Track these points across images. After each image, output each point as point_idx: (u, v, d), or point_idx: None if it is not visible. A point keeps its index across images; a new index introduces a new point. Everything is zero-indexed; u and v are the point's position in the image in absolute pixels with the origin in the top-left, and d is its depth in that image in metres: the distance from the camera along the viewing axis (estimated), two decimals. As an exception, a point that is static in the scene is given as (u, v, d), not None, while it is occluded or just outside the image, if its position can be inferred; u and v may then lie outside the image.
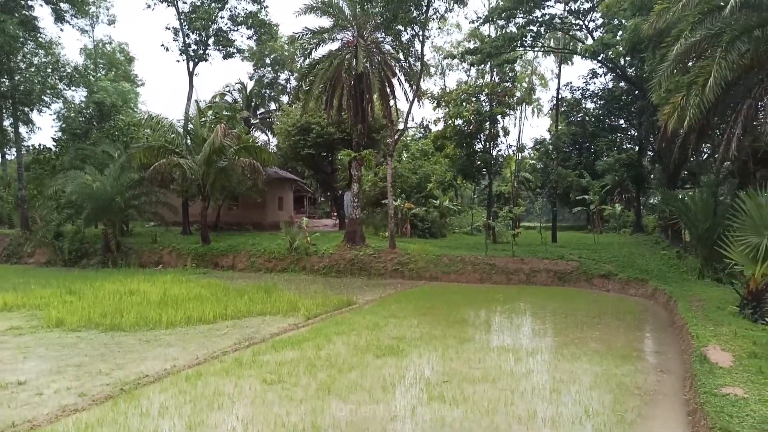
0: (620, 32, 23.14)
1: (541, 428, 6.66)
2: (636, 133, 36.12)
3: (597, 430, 6.57)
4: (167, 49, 35.85)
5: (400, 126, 28.84)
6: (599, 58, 27.76)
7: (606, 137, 40.41)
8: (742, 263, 11.52)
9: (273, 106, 51.79)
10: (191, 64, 32.29)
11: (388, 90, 24.74)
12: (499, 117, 29.86)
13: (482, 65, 31.59)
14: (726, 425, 5.60)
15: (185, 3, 31.40)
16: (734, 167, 18.49)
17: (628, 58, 26.18)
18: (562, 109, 39.81)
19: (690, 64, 14.96)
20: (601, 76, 37.39)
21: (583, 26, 29.38)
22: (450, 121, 30.22)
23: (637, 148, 36.54)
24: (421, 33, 24.94)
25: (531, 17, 27.36)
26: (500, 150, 32.55)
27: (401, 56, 25.00)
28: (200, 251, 25.43)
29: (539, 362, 9.68)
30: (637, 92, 29.43)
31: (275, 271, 23.46)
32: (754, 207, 11.18)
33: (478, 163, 30.37)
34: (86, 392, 7.88)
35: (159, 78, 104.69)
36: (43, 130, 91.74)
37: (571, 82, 46.68)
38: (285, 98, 51.22)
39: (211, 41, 32.18)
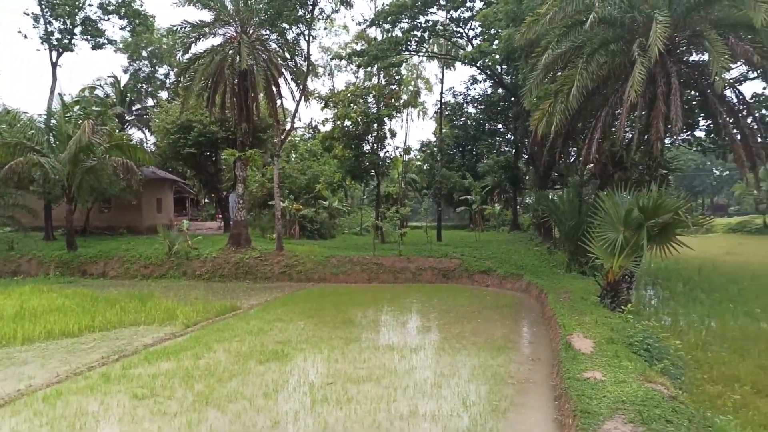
0: (496, 41, 24.46)
1: (422, 423, 6.80)
2: (512, 137, 38.42)
3: (473, 421, 6.83)
4: (26, 37, 32.50)
5: (288, 126, 28.34)
6: (478, 65, 29.17)
7: (486, 140, 42.61)
8: (602, 257, 12.59)
9: (151, 102, 48.72)
10: (54, 54, 29.43)
11: (274, 89, 24.21)
12: (386, 119, 30.34)
13: (369, 67, 31.94)
14: (586, 407, 6.04)
15: (47, -13, 28.59)
16: (596, 170, 20.23)
17: (504, 66, 27.76)
18: (446, 113, 41.37)
19: (558, 73, 16.16)
20: (480, 82, 39.31)
21: (464, 34, 30.73)
22: (338, 122, 30.22)
23: (513, 151, 38.90)
24: (307, 32, 24.68)
25: (415, 23, 28.14)
26: (387, 151, 33.12)
27: (287, 55, 24.54)
28: (65, 258, 23.21)
29: (422, 358, 9.91)
30: (512, 98, 31.32)
31: (152, 277, 22.02)
32: (612, 206, 12.27)
33: (366, 164, 30.64)
34: None
35: (16, 68, 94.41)
36: None
37: (453, 87, 48.88)
38: (164, 94, 48.40)
39: (77, 30, 29.49)
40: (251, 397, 7.73)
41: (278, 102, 24.84)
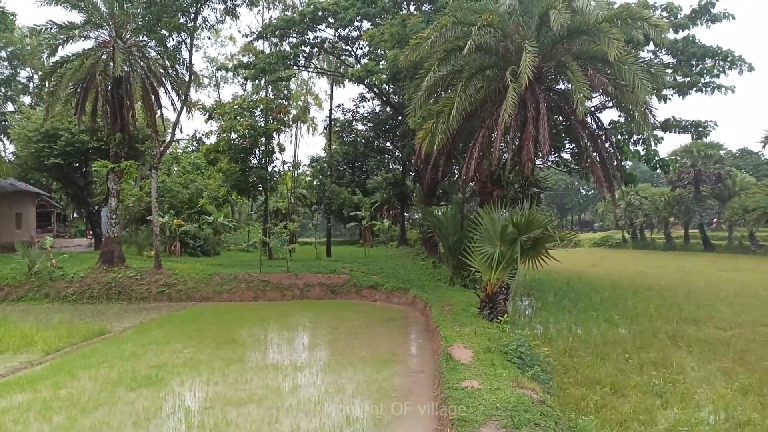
0: (383, 61, 25.09)
1: (304, 443, 6.65)
2: (400, 155, 39.47)
3: (356, 437, 6.81)
4: None
5: (168, 137, 26.93)
6: (365, 83, 29.75)
7: (375, 157, 43.40)
8: (481, 270, 13.21)
9: (10, 107, 44.17)
10: None
11: (153, 98, 22.94)
12: (274, 133, 29.90)
13: (257, 80, 31.39)
14: (463, 415, 6.25)
15: None
16: (477, 187, 21.30)
17: (390, 85, 28.55)
18: (336, 129, 41.65)
19: (440, 94, 16.88)
20: (369, 101, 40.08)
21: (352, 52, 31.21)
22: (224, 135, 29.28)
23: (401, 168, 39.93)
24: (189, 41, 23.70)
25: (304, 38, 28.14)
26: (276, 166, 32.62)
27: (168, 63, 23.38)
28: None
29: (306, 376, 9.74)
30: (399, 117, 32.23)
31: (8, 300, 19.70)
32: (489, 222, 12.94)
33: (254, 178, 29.93)
34: None
35: None
36: None
37: (343, 104, 49.41)
38: (27, 99, 44.12)
39: None
40: (119, 428, 7.15)
41: (157, 112, 23.54)
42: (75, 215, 48.34)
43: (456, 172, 28.52)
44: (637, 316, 16.02)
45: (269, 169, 30.93)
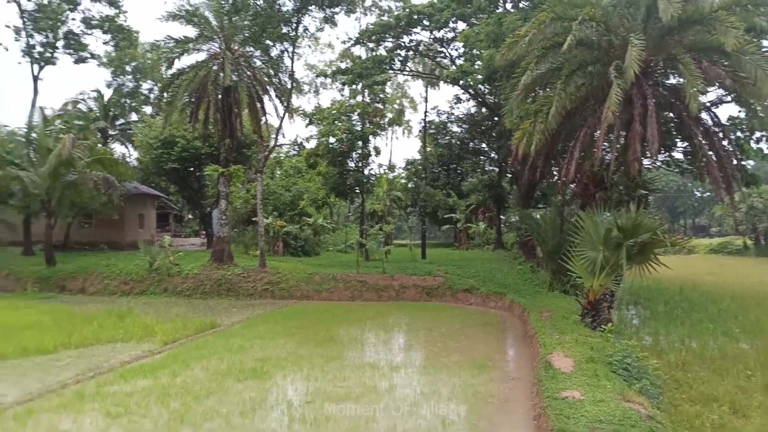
0: (478, 61, 24.83)
1: (400, 443, 6.74)
2: (496, 156, 38.81)
3: (452, 440, 6.79)
4: (6, 49, 32.11)
5: (271, 142, 28.35)
6: (460, 84, 29.55)
7: (470, 159, 43.01)
8: (583, 276, 12.68)
9: (134, 116, 48.44)
10: (36, 67, 29.25)
11: (258, 105, 24.25)
12: (370, 136, 30.51)
13: (354, 85, 32.20)
14: (564, 426, 6.04)
15: (29, 0, 28.45)
16: (578, 189, 20.48)
17: (486, 86, 28.17)
18: (431, 131, 41.74)
19: (538, 93, 16.43)
20: (464, 102, 39.77)
21: (447, 54, 31.14)
22: (322, 139, 30.31)
23: (497, 170, 39.25)
24: (291, 49, 24.83)
25: (399, 42, 28.48)
26: (372, 169, 33.25)
27: (272, 71, 24.63)
28: (44, 274, 22.82)
29: (402, 377, 9.85)
30: (495, 118, 31.71)
31: (132, 293, 21.68)
32: (592, 225, 12.40)
33: (351, 181, 30.70)
34: None
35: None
36: None
37: (438, 106, 49.34)
38: (148, 109, 48.18)
39: (60, 44, 29.36)
40: (227, 416, 7.61)
41: (262, 118, 24.86)
42: (190, 216, 52.06)
43: (555, 173, 27.60)
44: (761, 330, 14.58)
45: (365, 171, 31.59)
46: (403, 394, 8.72)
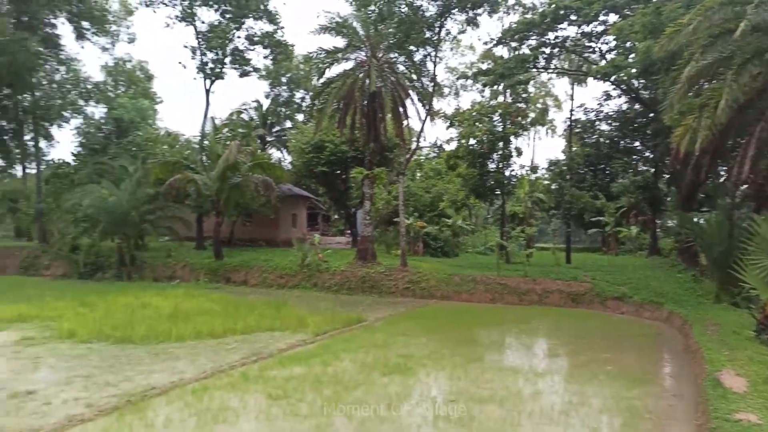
0: (632, 54, 23.16)
1: (548, 450, 6.57)
2: (651, 155, 35.87)
3: (605, 453, 6.47)
4: (185, 67, 36.48)
5: (413, 145, 28.98)
6: (612, 80, 27.76)
7: (621, 159, 40.15)
8: (758, 287, 11.31)
9: (288, 124, 52.31)
10: (208, 82, 32.87)
11: (401, 109, 24.91)
12: (512, 137, 29.89)
13: (495, 86, 31.74)
14: (737, 451, 5.48)
15: (203, 23, 32.09)
16: (751, 190, 18.26)
17: (641, 80, 26.16)
18: (576, 131, 39.69)
19: (703, 86, 14.94)
20: (614, 98, 37.26)
21: (596, 49, 29.43)
22: (463, 141, 30.30)
23: (652, 170, 36.27)
24: (433, 53, 25.17)
25: (544, 39, 27.49)
26: (513, 170, 32.54)
27: (414, 76, 25.19)
28: (213, 266, 25.58)
29: (548, 383, 9.56)
30: (651, 114, 29.32)
31: (287, 287, 23.47)
32: (769, 230, 11.03)
33: (491, 182, 30.33)
34: (93, 403, 7.92)
35: (176, 95, 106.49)
36: (63, 144, 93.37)
37: (584, 104, 46.46)
38: (300, 116, 51.75)
39: (227, 60, 32.76)
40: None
41: (404, 122, 25.53)
42: (336, 216, 54.95)
43: (723, 173, 24.82)
44: None
45: (506, 173, 31.04)
46: (549, 401, 8.47)
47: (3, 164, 34.78)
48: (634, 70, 22.02)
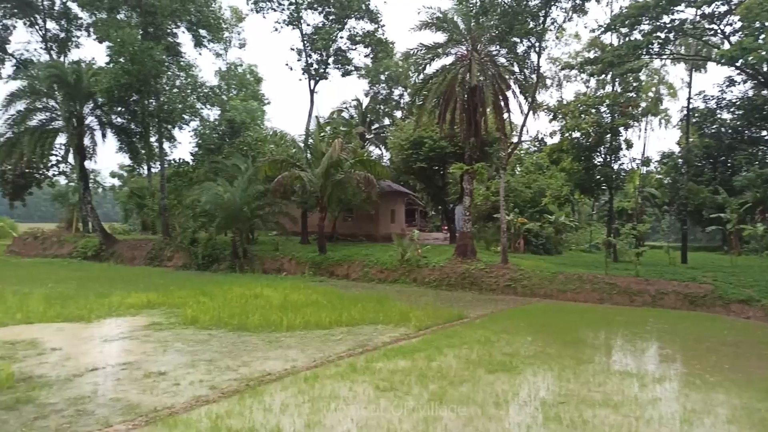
0: (762, 36, 21.03)
1: (670, 460, 6.20)
2: (783, 145, 32.55)
3: (736, 469, 6.00)
4: (291, 69, 38.04)
5: (514, 139, 28.32)
6: (737, 64, 25.40)
7: (745, 150, 36.73)
8: None
9: (387, 121, 53.06)
10: (312, 82, 34.18)
11: (502, 103, 24.46)
12: (621, 129, 28.31)
13: (603, 75, 30.19)
14: None
15: (308, 25, 33.40)
16: None
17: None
18: (694, 120, 36.85)
19: None
20: (739, 84, 34.14)
21: (718, 31, 27.05)
22: (567, 134, 29.14)
23: (784, 161, 32.89)
24: (537, 44, 24.39)
25: (658, 23, 25.70)
26: (622, 164, 30.81)
27: (516, 68, 24.58)
28: (317, 260, 26.57)
29: (667, 390, 9.00)
30: (783, 100, 26.58)
31: (387, 281, 23.87)
32: None
33: (598, 177, 28.94)
34: (216, 385, 8.54)
35: (281, 96, 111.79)
36: (182, 145, 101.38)
37: (704, 91, 42.79)
38: (398, 113, 52.28)
39: (331, 60, 33.86)
40: (482, 404, 7.91)
41: (506, 116, 25.01)
42: (432, 212, 55.04)
43: None
44: None
45: (615, 166, 29.47)
46: (669, 408, 7.97)
47: (131, 164, 38.35)
48: (764, 53, 20.02)
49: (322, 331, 13.07)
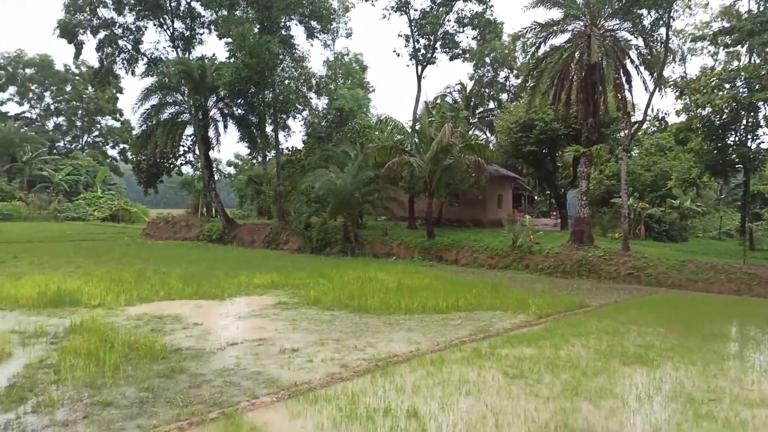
0: None
1: None
2: None
3: None
4: (398, 55, 38.09)
5: (637, 118, 26.50)
6: None
7: None
8: None
9: (492, 104, 51.84)
10: (419, 67, 34.09)
11: (624, 80, 22.93)
12: (761, 104, 25.50)
13: (738, 46, 27.37)
14: None
15: (416, 10, 33.26)
16: None
17: None
18: None
19: None
20: None
21: None
22: (697, 111, 26.76)
23: None
24: (666, 15, 22.50)
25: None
26: (761, 142, 27.83)
27: (641, 42, 22.88)
28: (426, 245, 26.65)
29: (839, 394, 8.04)
30: None
31: (497, 267, 23.42)
32: None
33: (733, 157, 26.38)
34: (347, 364, 8.81)
35: (385, 83, 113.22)
36: (295, 133, 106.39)
37: None
38: (504, 96, 50.88)
39: (438, 44, 33.56)
40: (623, 397, 7.53)
41: (627, 95, 23.44)
42: (539, 197, 53.24)
43: None
44: None
45: (752, 146, 26.69)
46: (844, 414, 7.11)
47: (249, 153, 40.61)
48: None
49: (440, 315, 13.09)
